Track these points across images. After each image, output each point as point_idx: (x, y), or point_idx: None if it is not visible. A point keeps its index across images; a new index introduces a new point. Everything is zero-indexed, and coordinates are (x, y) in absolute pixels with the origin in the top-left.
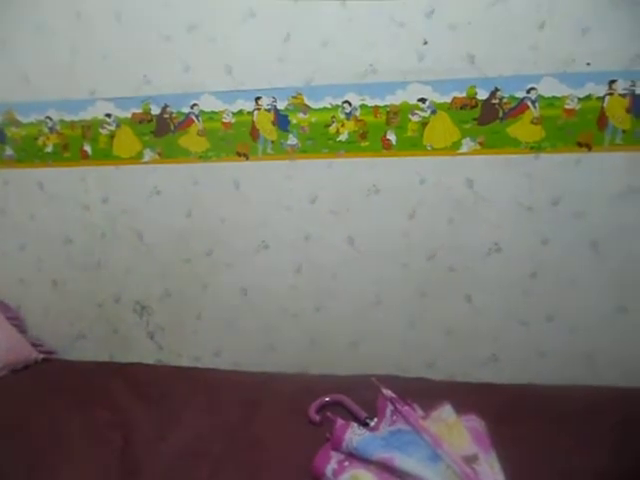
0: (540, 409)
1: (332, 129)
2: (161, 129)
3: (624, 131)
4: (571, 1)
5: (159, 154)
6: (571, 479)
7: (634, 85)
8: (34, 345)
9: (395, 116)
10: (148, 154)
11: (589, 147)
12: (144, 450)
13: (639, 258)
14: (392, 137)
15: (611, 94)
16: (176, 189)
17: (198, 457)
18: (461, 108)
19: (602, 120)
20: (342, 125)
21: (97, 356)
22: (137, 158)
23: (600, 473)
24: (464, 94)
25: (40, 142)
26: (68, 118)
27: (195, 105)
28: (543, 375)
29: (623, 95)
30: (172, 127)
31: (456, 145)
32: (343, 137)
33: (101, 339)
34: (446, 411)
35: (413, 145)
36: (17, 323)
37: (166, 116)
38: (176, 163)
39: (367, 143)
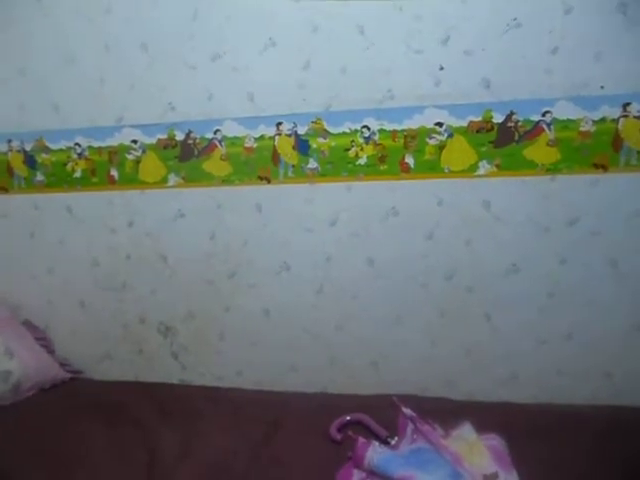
0: (560, 428)
1: (351, 153)
2: (185, 154)
3: (639, 152)
4: (584, 25)
5: (183, 178)
6: None
7: None
8: (62, 365)
9: (413, 140)
10: (173, 178)
11: (605, 168)
12: (169, 468)
13: None
14: (410, 160)
15: (626, 116)
16: (200, 212)
17: (222, 475)
18: (477, 131)
19: (617, 142)
20: (361, 149)
21: (122, 376)
22: (162, 182)
23: None
24: (480, 118)
25: (69, 168)
26: (96, 144)
27: (218, 131)
28: (562, 393)
29: (638, 117)
30: (196, 152)
31: (473, 167)
32: (362, 161)
33: (126, 359)
34: (466, 430)
35: (431, 168)
36: (45, 343)
37: (190, 142)
38: (200, 187)
39: (386, 166)
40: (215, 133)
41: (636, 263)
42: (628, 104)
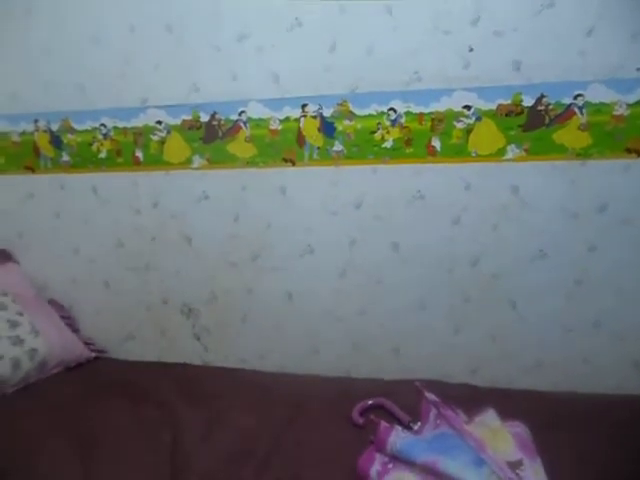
0: (585, 417)
1: (377, 136)
2: (210, 135)
3: None
4: (620, 6)
5: (208, 160)
6: None
7: None
8: (86, 344)
9: (440, 123)
10: (197, 160)
11: (638, 153)
12: (192, 448)
13: None
14: (437, 144)
15: None
16: (224, 194)
17: (244, 456)
18: (506, 115)
19: None
20: (387, 132)
21: (145, 356)
22: (186, 164)
23: None
24: (509, 101)
25: (94, 148)
26: (121, 125)
27: (243, 112)
28: (588, 382)
29: None
30: (220, 134)
31: (501, 152)
32: (388, 144)
33: (149, 340)
34: (490, 416)
35: (458, 152)
36: (70, 322)
37: (215, 123)
38: (224, 169)
39: (412, 150)
40: (240, 115)
41: None
42: None
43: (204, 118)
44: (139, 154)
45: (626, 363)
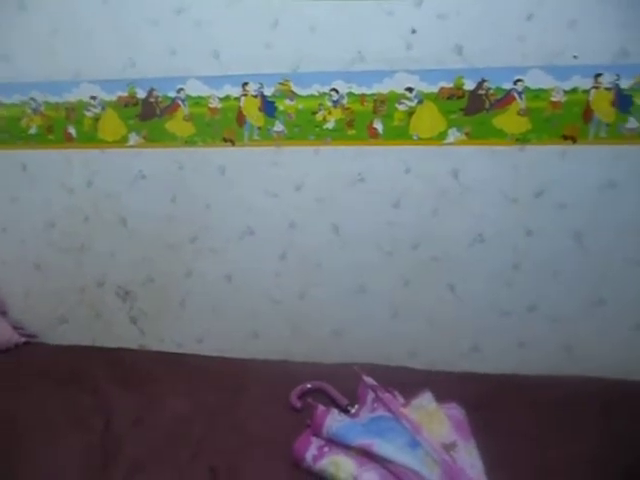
0: (520, 398)
1: (319, 116)
2: (147, 113)
3: (608, 125)
4: None
5: (144, 138)
6: (548, 468)
7: (619, 79)
8: (15, 328)
9: (382, 105)
10: (133, 138)
11: (574, 140)
12: (125, 434)
13: (620, 250)
14: (379, 126)
15: (597, 87)
16: (161, 174)
17: (179, 441)
18: (448, 98)
19: (587, 113)
20: (329, 113)
21: (79, 340)
22: (122, 142)
23: (577, 462)
24: (451, 84)
25: (23, 123)
26: (52, 100)
27: (181, 89)
28: (523, 365)
29: (608, 89)
30: (158, 111)
31: (442, 135)
32: (330, 125)
33: (83, 323)
34: (426, 399)
35: (399, 134)
36: None
37: (152, 100)
38: (162, 147)
39: (354, 131)
40: (178, 92)
41: (600, 237)
42: (599, 75)
43: (141, 94)
44: (72, 131)
45: (559, 346)
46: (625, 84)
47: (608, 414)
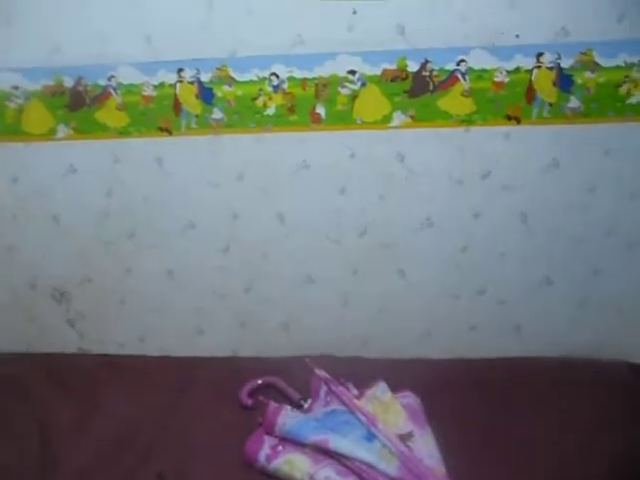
0: (471, 382)
1: (259, 102)
2: (76, 103)
3: (551, 104)
4: None
5: (74, 129)
6: (502, 449)
7: (560, 58)
8: None
9: (324, 89)
10: (62, 130)
11: (518, 120)
12: (66, 442)
13: (565, 230)
14: (321, 110)
15: (539, 67)
16: (94, 167)
17: (123, 448)
18: (392, 80)
19: (530, 93)
20: (269, 98)
21: (13, 347)
22: (50, 134)
23: (528, 441)
24: (394, 66)
25: None
26: None
27: (112, 77)
28: (475, 348)
29: (550, 68)
30: (88, 100)
31: (387, 118)
32: (271, 111)
33: (16, 328)
34: (380, 389)
35: (343, 119)
36: None
37: (81, 89)
38: (93, 139)
39: (296, 117)
40: (109, 80)
41: (545, 217)
42: (541, 54)
43: (68, 83)
44: None
45: (509, 327)
46: (566, 63)
47: (555, 392)
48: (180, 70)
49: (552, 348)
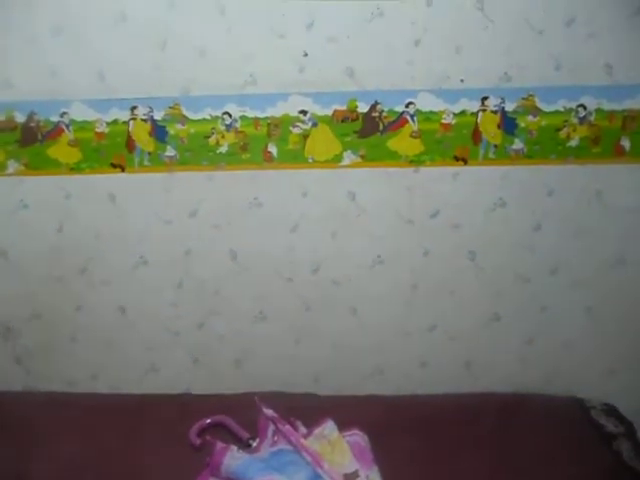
0: (421, 419)
1: (212, 141)
2: (27, 138)
3: (496, 146)
4: (444, 20)
5: (25, 165)
6: None
7: (503, 102)
8: None
9: (276, 128)
10: (12, 165)
11: (465, 161)
12: None
13: (511, 267)
14: (273, 149)
15: (484, 110)
16: (45, 203)
17: None
18: (342, 121)
19: (476, 135)
20: (222, 137)
21: None
22: (0, 169)
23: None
24: (345, 107)
25: None
26: None
27: (65, 113)
28: (426, 384)
29: (494, 111)
30: (40, 136)
31: (338, 158)
32: (223, 149)
33: None
34: (328, 427)
35: (294, 158)
36: None
37: (32, 124)
38: (45, 175)
39: (248, 155)
40: (62, 116)
41: (492, 255)
42: (486, 98)
43: (20, 119)
44: None
45: (459, 363)
46: (509, 107)
47: (503, 428)
48: (133, 108)
49: (502, 383)
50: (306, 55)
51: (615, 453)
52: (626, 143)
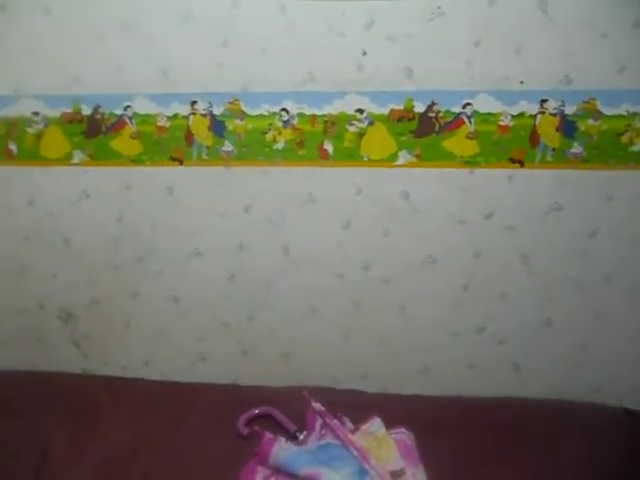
0: (468, 420)
1: (269, 137)
2: (92, 130)
3: (554, 149)
4: (505, 20)
5: (90, 156)
6: None
7: (563, 105)
8: None
9: (332, 126)
10: (78, 156)
11: (521, 163)
12: (61, 468)
13: (566, 273)
14: (329, 147)
15: (542, 113)
16: (107, 193)
17: (119, 475)
18: (398, 120)
19: (534, 137)
20: (279, 133)
21: (18, 365)
22: (66, 159)
23: None
24: (401, 106)
25: None
26: None
27: (129, 107)
28: (473, 386)
29: (553, 114)
30: (104, 129)
31: (393, 157)
32: (280, 145)
33: (22, 347)
34: (375, 424)
35: (350, 155)
36: None
37: (98, 117)
38: (107, 166)
39: (304, 152)
40: (125, 109)
41: (546, 259)
42: (545, 101)
43: (86, 111)
44: (12, 147)
45: (507, 367)
46: (569, 110)
47: (552, 435)
48: (193, 102)
49: (551, 389)
50: (365, 54)
51: None
52: None
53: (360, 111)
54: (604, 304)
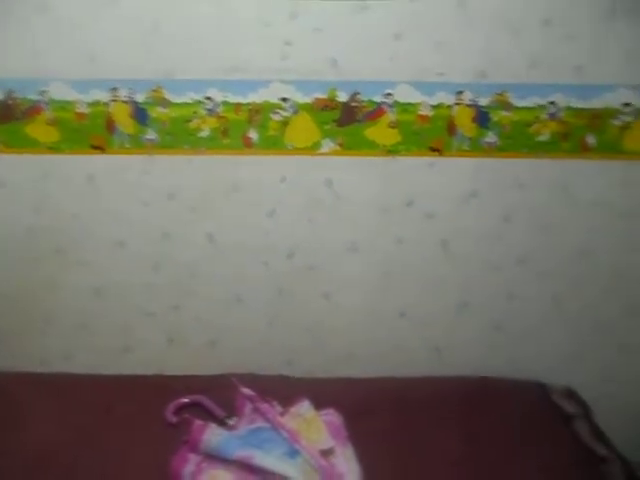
0: (393, 400)
1: (193, 125)
2: (5, 116)
3: (470, 138)
4: (426, 15)
5: (3, 143)
6: (422, 466)
7: (478, 97)
8: None
9: (257, 114)
10: None
11: (440, 152)
12: None
13: (481, 256)
14: (254, 135)
15: (459, 104)
16: (23, 182)
17: (44, 470)
18: (322, 109)
19: (452, 127)
20: (203, 121)
21: None
22: None
23: (447, 458)
24: (325, 95)
25: None
26: None
27: (45, 92)
28: (397, 368)
29: (469, 105)
30: (18, 114)
31: (316, 145)
32: (204, 133)
33: None
34: (304, 407)
35: (274, 144)
36: None
37: (10, 102)
38: (23, 154)
39: (228, 140)
40: (41, 94)
41: (464, 244)
42: (461, 92)
43: None
44: None
45: (429, 349)
46: (483, 102)
47: (470, 410)
48: (114, 89)
49: (470, 368)
50: (290, 44)
51: (574, 433)
52: (591, 140)
53: (285, 100)
54: (517, 285)
